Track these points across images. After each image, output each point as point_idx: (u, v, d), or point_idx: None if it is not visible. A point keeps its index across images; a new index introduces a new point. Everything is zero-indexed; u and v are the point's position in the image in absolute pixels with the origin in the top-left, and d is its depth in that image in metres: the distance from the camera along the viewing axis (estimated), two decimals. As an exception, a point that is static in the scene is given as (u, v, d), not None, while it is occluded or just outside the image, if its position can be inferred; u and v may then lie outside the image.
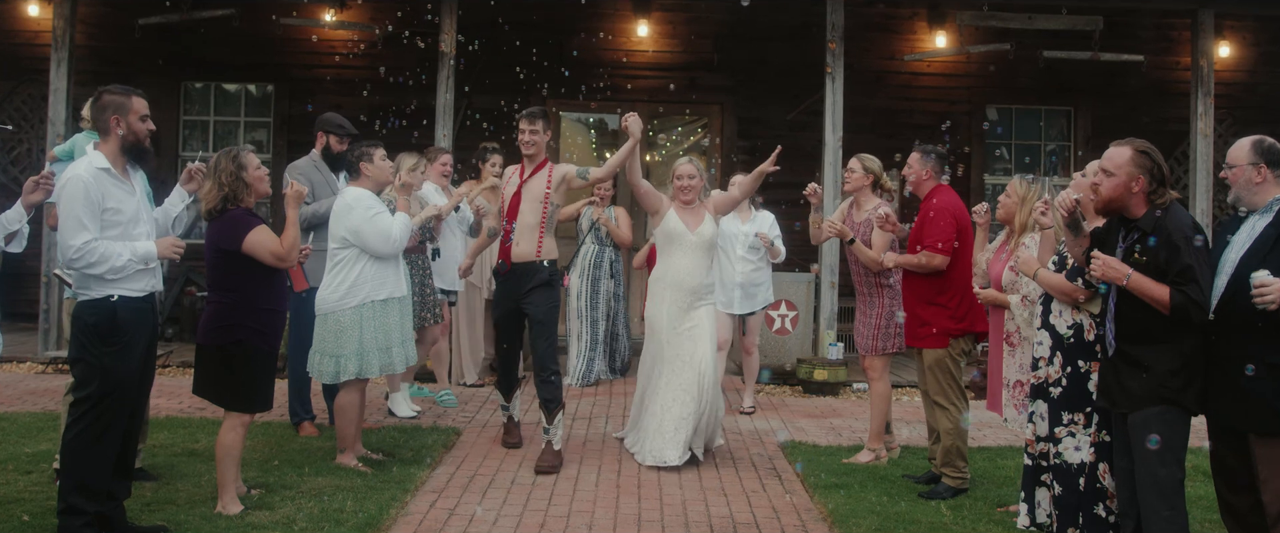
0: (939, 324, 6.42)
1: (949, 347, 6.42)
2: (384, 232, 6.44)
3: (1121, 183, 4.57)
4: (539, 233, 6.85)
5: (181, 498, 5.78)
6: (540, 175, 6.90)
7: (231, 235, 5.45)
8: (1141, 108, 12.76)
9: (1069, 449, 5.06)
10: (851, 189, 7.03)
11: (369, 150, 6.64)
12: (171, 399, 8.76)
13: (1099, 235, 4.85)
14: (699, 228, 7.01)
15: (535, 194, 6.86)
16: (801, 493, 6.47)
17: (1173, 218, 4.53)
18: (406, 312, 6.71)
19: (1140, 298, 4.49)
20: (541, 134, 6.89)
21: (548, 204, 6.86)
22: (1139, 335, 4.56)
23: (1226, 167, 4.70)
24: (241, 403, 5.59)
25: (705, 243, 7.01)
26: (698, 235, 6.99)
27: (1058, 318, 5.15)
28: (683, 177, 7.11)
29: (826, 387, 9.97)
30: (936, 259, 6.40)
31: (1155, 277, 4.46)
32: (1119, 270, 4.53)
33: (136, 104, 5.17)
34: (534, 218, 6.84)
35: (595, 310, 9.85)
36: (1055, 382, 5.12)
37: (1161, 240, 4.48)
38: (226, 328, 5.47)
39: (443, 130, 10.62)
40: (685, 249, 6.98)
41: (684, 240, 6.98)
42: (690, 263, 6.96)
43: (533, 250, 6.84)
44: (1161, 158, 4.65)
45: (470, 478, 6.58)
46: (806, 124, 12.36)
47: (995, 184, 13.42)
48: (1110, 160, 4.59)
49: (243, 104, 13.10)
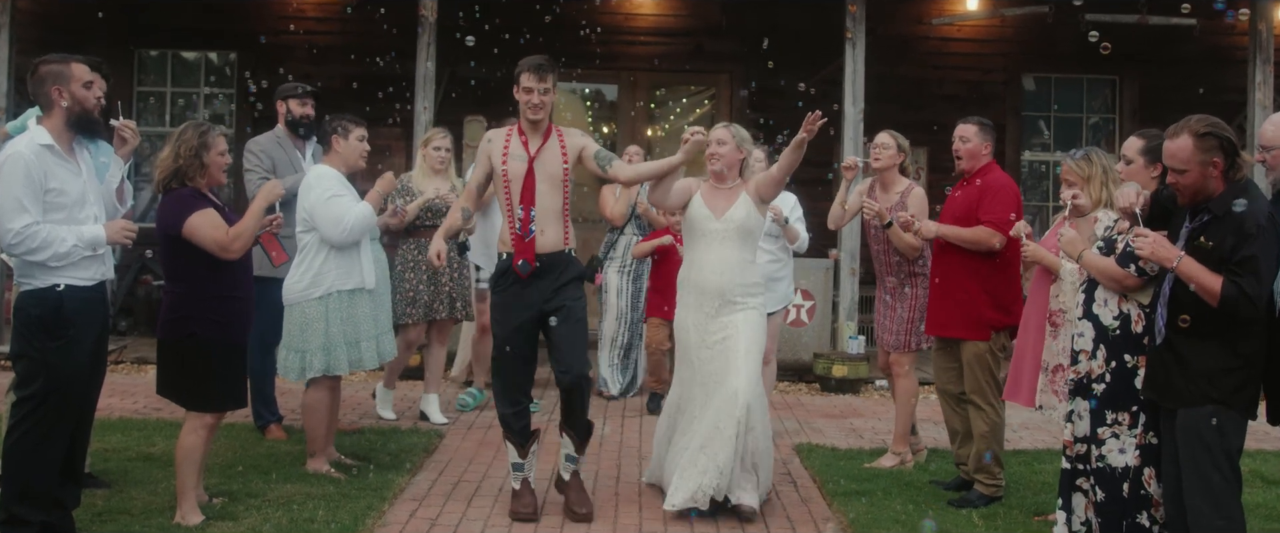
0: (984, 315, 6.40)
1: (991, 340, 6.40)
2: (336, 217, 6.40)
3: (1196, 176, 4.54)
4: (564, 218, 5.96)
5: (136, 507, 5.76)
6: (551, 147, 5.97)
7: (173, 218, 5.44)
8: (1194, 77, 12.70)
9: (1113, 452, 5.03)
10: (883, 167, 7.00)
11: (348, 126, 6.61)
12: (126, 399, 8.75)
13: (1165, 204, 4.81)
14: (728, 212, 6.09)
15: (552, 172, 5.93)
16: (819, 501, 6.46)
17: (1250, 202, 4.49)
18: (380, 304, 6.68)
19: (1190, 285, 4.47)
20: (551, 93, 5.97)
21: (568, 183, 6.02)
22: (1192, 327, 4.54)
23: (1261, 148, 4.67)
24: (201, 402, 5.58)
25: (735, 231, 6.07)
26: (725, 222, 6.07)
27: (1102, 307, 5.11)
28: (711, 143, 6.17)
29: (846, 384, 9.96)
30: (995, 237, 6.36)
31: (1216, 266, 4.43)
32: (1169, 252, 4.50)
33: (77, 71, 5.15)
34: (556, 201, 5.92)
35: (636, 312, 9.20)
36: (1098, 377, 5.08)
37: (1231, 226, 4.44)
38: (179, 321, 5.47)
39: (423, 103, 10.59)
40: (708, 240, 6.10)
41: (706, 228, 6.11)
42: (715, 258, 6.07)
43: (560, 239, 5.94)
44: (1224, 126, 4.60)
45: (455, 485, 6.56)
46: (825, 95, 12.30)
47: (1034, 161, 13.39)
48: (1175, 158, 4.55)
49: (202, 74, 13.08)
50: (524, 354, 5.93)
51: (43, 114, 5.16)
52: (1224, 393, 4.47)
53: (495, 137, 6.06)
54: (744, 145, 6.22)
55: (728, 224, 6.07)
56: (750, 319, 6.05)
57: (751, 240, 6.16)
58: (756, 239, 6.24)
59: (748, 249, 6.13)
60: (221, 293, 5.51)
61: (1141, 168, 5.18)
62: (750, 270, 6.13)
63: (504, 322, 5.91)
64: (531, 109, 5.89)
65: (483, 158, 6.04)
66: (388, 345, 6.72)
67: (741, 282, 6.07)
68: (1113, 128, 13.29)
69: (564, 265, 5.92)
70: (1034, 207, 13.20)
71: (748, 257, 6.13)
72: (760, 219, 6.22)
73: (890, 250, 6.92)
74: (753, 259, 6.18)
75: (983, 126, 6.63)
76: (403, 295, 7.98)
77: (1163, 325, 4.65)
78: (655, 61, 12.87)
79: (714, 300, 6.04)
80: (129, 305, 11.90)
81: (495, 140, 6.03)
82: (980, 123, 6.64)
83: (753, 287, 6.12)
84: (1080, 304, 5.21)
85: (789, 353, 10.34)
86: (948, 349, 6.62)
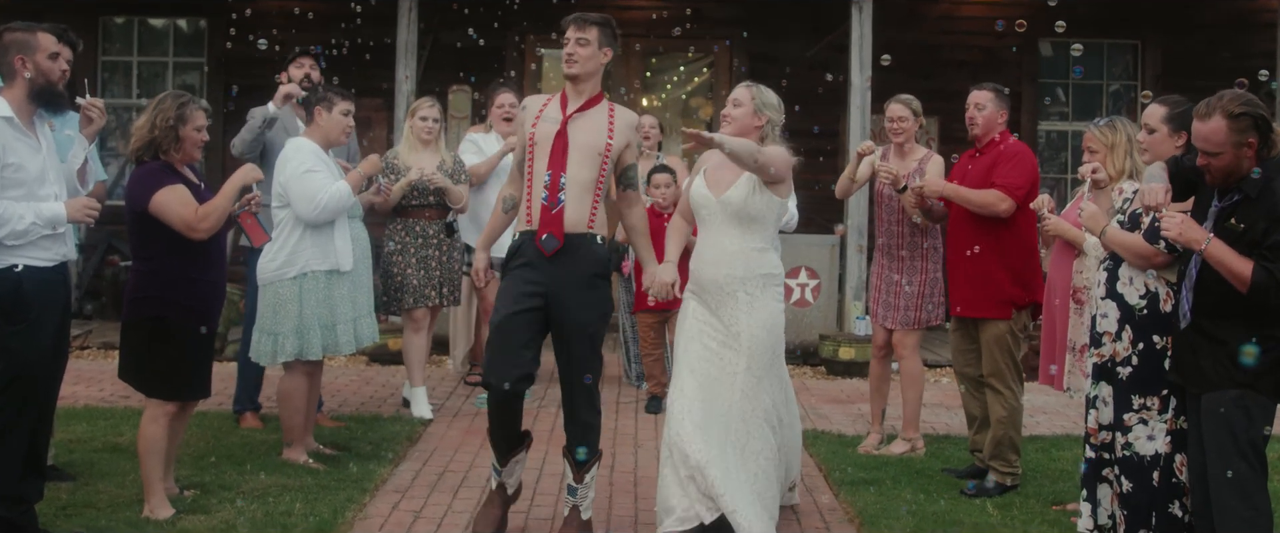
0: (1004, 291, 6.38)
1: (1012, 319, 6.38)
2: (309, 194, 6.36)
3: (1231, 159, 4.50)
4: (594, 196, 5.40)
5: (103, 501, 5.75)
6: (595, 116, 5.46)
7: (141, 192, 5.42)
8: (1219, 42, 12.66)
9: (1140, 439, 4.99)
10: (904, 138, 6.98)
11: (332, 99, 6.58)
12: (92, 386, 8.73)
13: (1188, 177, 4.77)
14: (728, 191, 5.51)
15: (589, 141, 5.40)
16: (825, 490, 6.45)
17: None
18: (359, 286, 6.64)
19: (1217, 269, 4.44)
20: (596, 50, 5.46)
21: (608, 161, 5.44)
22: (1220, 309, 4.50)
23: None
24: (160, 389, 5.56)
25: (733, 214, 5.48)
26: (723, 203, 5.50)
27: (1127, 286, 5.06)
28: (727, 104, 5.72)
29: (854, 367, 9.94)
30: (1004, 203, 6.33)
31: (1246, 249, 4.39)
32: (1196, 234, 4.46)
33: (43, 41, 5.13)
34: (590, 173, 5.38)
35: None
36: (1123, 360, 5.04)
37: (1265, 208, 4.40)
38: (143, 301, 5.46)
39: (404, 71, 10.54)
40: (706, 224, 5.59)
41: (703, 210, 5.59)
42: (711, 244, 5.54)
43: (586, 219, 5.38)
44: (1257, 103, 4.54)
45: (439, 476, 6.55)
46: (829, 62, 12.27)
47: (1051, 131, 13.35)
48: (1208, 141, 4.49)
49: (171, 42, 13.00)
50: (523, 340, 5.29)
51: (4, 84, 5.12)
52: (1251, 376, 4.45)
53: (532, 102, 5.56)
54: (765, 111, 5.60)
55: (725, 205, 5.49)
56: (755, 333, 5.43)
57: (758, 226, 5.50)
58: (766, 226, 5.54)
59: (753, 235, 5.49)
60: (189, 275, 5.48)
61: (1165, 137, 5.12)
62: (756, 260, 5.49)
63: (510, 301, 5.31)
64: (566, 61, 5.43)
65: (520, 128, 5.54)
66: (366, 329, 6.69)
67: (742, 274, 5.45)
68: (1134, 95, 13.25)
69: (586, 252, 5.37)
70: (1052, 179, 13.17)
71: (753, 244, 5.49)
72: (771, 203, 5.49)
73: (904, 221, 6.89)
74: (761, 247, 5.52)
75: (998, 93, 6.60)
76: (392, 280, 7.91)
77: (1189, 308, 4.61)
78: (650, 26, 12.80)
79: (713, 296, 5.50)
80: (95, 287, 11.87)
81: (531, 106, 5.53)
82: (996, 89, 6.61)
83: (758, 281, 5.47)
84: (1102, 283, 5.15)
85: (793, 335, 10.31)
86: (966, 331, 6.60)
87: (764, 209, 5.50)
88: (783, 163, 5.47)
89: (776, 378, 5.58)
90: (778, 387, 5.59)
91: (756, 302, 5.47)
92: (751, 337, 5.44)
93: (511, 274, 5.40)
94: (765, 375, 5.47)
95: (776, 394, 5.56)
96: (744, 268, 5.47)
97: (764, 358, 5.47)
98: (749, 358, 5.42)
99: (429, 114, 8.13)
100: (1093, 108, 13.26)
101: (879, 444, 7.19)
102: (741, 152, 5.26)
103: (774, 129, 5.64)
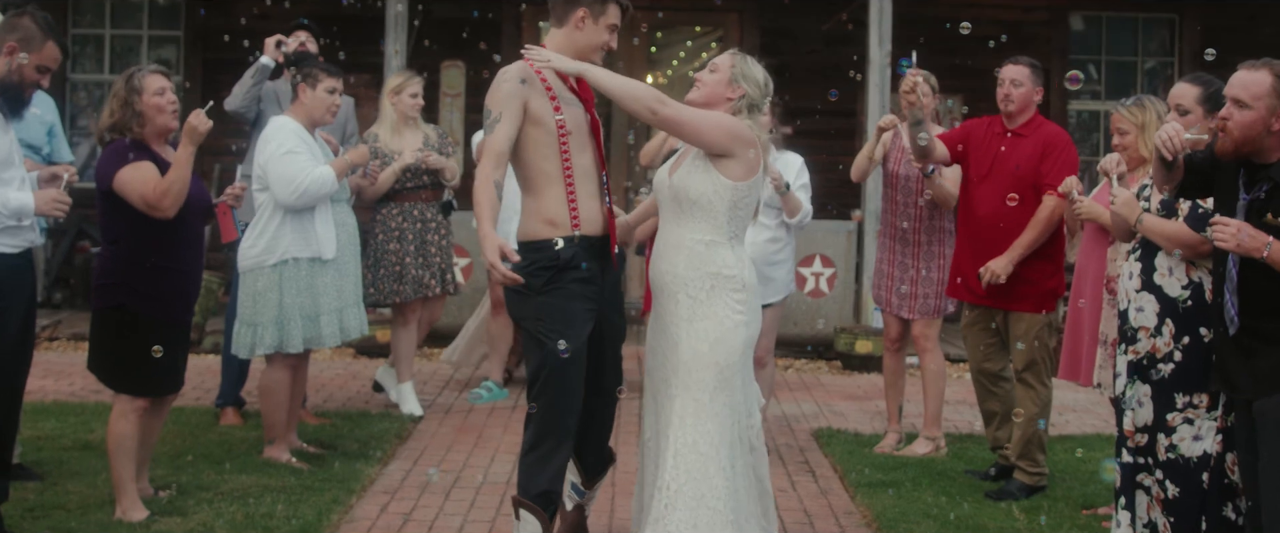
0: (1045, 283, 6.37)
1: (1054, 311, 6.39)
2: (288, 176, 6.34)
3: (1259, 119, 4.39)
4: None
5: (72, 502, 5.75)
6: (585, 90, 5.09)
7: (105, 170, 5.41)
8: (1262, 16, 12.61)
9: (1186, 440, 4.94)
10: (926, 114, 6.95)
11: (317, 75, 6.56)
12: (61, 380, 8.73)
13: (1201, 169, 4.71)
14: (677, 170, 4.91)
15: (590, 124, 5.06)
16: (841, 493, 6.45)
17: None
18: (344, 274, 6.62)
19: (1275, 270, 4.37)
20: None
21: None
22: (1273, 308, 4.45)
23: None
24: (126, 383, 5.55)
25: (675, 195, 4.85)
26: (672, 186, 4.88)
27: (1166, 277, 4.99)
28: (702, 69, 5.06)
29: (871, 361, 9.93)
30: (1062, 207, 6.27)
31: None
32: (1256, 240, 4.32)
33: (49, 50, 5.19)
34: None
35: None
36: (1165, 357, 4.97)
37: None
38: (109, 288, 5.45)
39: (394, 46, 10.52)
40: (660, 212, 5.05)
41: (657, 194, 5.06)
42: (660, 234, 5.00)
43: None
44: None
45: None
46: (847, 37, 12.24)
47: (1081, 111, 13.31)
48: (1245, 89, 4.42)
49: (146, 14, 12.97)
50: (581, 374, 4.87)
51: None
52: None
53: (523, 74, 4.85)
54: (743, 83, 4.87)
55: (672, 187, 4.87)
56: (695, 348, 4.74)
57: (700, 213, 4.79)
58: (713, 214, 4.79)
59: (695, 224, 4.80)
60: (159, 263, 5.45)
61: (1199, 119, 5.06)
62: (701, 256, 4.79)
63: (569, 332, 4.75)
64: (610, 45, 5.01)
65: (514, 104, 4.79)
66: (353, 321, 6.67)
67: (682, 271, 4.79)
68: (1170, 73, 13.21)
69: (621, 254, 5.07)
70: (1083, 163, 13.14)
71: (696, 235, 4.80)
72: (718, 185, 4.76)
73: (920, 205, 6.88)
74: (707, 240, 4.79)
75: (1034, 69, 6.57)
76: (388, 269, 7.79)
77: (1235, 313, 4.54)
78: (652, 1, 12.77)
79: (658, 296, 4.94)
80: (65, 275, 11.86)
81: (531, 80, 4.85)
82: (1031, 65, 6.57)
83: (702, 282, 4.78)
84: (1137, 275, 5.08)
85: (807, 327, 10.32)
86: (984, 322, 6.58)
87: (706, 191, 4.77)
88: (712, 127, 4.76)
89: (726, 408, 4.75)
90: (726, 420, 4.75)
91: (699, 308, 4.77)
92: (691, 351, 4.74)
93: (569, 290, 4.82)
94: (713, 403, 4.72)
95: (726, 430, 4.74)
96: (686, 265, 4.81)
97: (704, 382, 4.72)
98: (685, 378, 4.74)
99: (419, 91, 7.99)
100: (1126, 86, 13.22)
101: (898, 444, 7.18)
102: (620, 91, 4.75)
103: (749, 108, 4.89)
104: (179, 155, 5.42)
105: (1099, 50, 13.37)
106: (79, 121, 12.60)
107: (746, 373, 4.87)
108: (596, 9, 4.91)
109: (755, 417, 4.91)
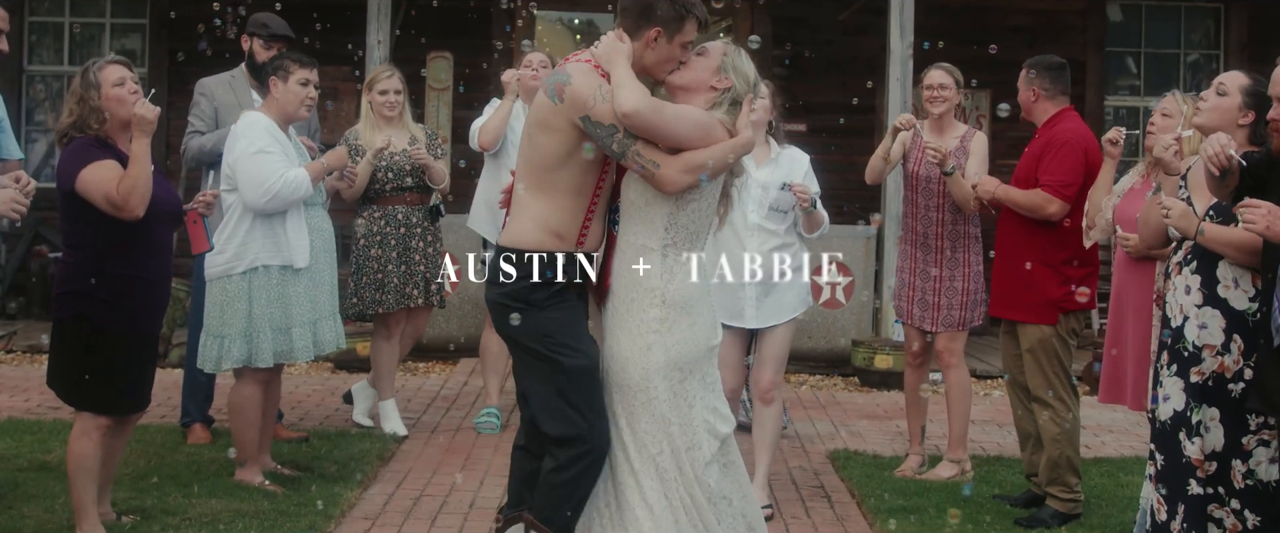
0: (1048, 292, 6.38)
1: (1058, 323, 6.38)
2: (258, 178, 6.34)
3: None
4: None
5: (29, 527, 5.75)
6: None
7: (67, 170, 5.42)
8: (1315, 6, 12.65)
9: (1263, 463, 4.90)
10: (945, 109, 6.98)
11: (289, 66, 6.56)
12: (16, 395, 8.74)
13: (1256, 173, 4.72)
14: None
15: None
16: (858, 520, 6.45)
17: None
18: (318, 283, 6.62)
19: None
20: None
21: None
22: None
23: None
24: (90, 400, 5.55)
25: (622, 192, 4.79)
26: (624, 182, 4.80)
27: (1231, 289, 4.92)
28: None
29: (891, 377, 9.93)
30: (1052, 205, 6.33)
31: None
32: None
33: None
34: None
35: None
36: (1234, 375, 4.92)
37: None
38: (69, 297, 5.46)
39: (377, 36, 10.53)
40: None
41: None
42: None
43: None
44: None
45: (415, 500, 6.56)
46: (865, 27, 12.27)
47: (1119, 106, 13.33)
48: None
49: (108, 1, 12.99)
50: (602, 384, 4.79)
51: None
52: None
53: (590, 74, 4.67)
54: (730, 75, 4.80)
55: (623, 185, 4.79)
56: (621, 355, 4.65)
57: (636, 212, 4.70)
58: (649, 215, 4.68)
59: (634, 228, 4.70)
60: (123, 271, 5.46)
61: (1233, 107, 5.05)
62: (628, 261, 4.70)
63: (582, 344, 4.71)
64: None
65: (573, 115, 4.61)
66: (328, 334, 6.67)
67: (618, 270, 4.73)
68: (1215, 66, 13.23)
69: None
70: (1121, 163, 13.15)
71: (631, 239, 4.71)
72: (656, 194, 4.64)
73: (944, 207, 6.89)
74: (641, 244, 4.68)
75: (1030, 70, 6.63)
76: (370, 278, 7.78)
77: None
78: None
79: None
80: (20, 282, 11.87)
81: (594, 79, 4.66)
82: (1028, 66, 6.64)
83: (625, 289, 4.69)
84: (1196, 288, 5.02)
85: (823, 340, 10.33)
86: (1012, 335, 6.60)
87: (644, 192, 4.65)
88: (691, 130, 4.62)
89: (646, 435, 4.64)
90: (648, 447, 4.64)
91: (618, 318, 4.70)
92: (607, 362, 4.71)
93: (577, 308, 4.79)
94: (630, 424, 4.65)
95: (646, 460, 4.63)
96: (618, 265, 4.73)
97: (611, 401, 4.69)
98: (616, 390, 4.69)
99: (389, 87, 7.87)
100: (1167, 80, 13.23)
101: (920, 467, 7.18)
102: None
103: (729, 103, 4.75)
104: (134, 150, 5.43)
105: (1138, 42, 13.39)
106: (36, 116, 12.62)
107: (686, 397, 4.69)
108: (672, 27, 4.70)
109: (703, 450, 4.69)
